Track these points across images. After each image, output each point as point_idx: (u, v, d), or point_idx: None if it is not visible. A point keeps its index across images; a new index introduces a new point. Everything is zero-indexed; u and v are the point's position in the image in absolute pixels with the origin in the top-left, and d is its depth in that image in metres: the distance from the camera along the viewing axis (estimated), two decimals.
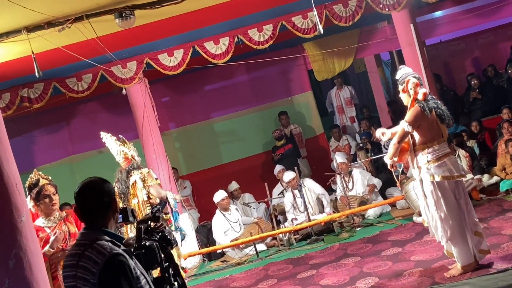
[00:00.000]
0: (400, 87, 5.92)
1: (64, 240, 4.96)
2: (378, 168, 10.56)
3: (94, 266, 2.80)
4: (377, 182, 9.47)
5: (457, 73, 13.13)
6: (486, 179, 8.80)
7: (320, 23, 7.58)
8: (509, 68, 11.51)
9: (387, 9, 9.12)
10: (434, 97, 5.91)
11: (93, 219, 3.01)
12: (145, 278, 2.98)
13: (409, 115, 5.69)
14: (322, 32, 7.61)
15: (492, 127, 10.26)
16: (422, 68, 9.51)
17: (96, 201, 3.01)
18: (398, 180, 7.06)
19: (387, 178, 10.15)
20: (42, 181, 5.03)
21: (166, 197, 6.80)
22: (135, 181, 6.70)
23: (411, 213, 8.33)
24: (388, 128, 6.46)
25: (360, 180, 9.42)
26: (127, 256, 2.90)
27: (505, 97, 11.27)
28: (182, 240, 7.06)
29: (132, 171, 6.80)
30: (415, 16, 9.75)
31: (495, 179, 8.74)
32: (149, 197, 6.70)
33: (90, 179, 3.08)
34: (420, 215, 7.98)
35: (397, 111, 12.45)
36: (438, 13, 11.85)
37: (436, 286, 4.18)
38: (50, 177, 5.22)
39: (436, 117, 5.72)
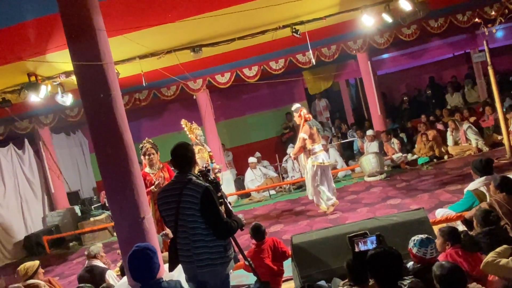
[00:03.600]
0: (296, 114, 6.41)
1: (162, 183, 5.03)
2: (344, 148, 10.49)
3: (196, 193, 2.76)
4: (340, 165, 9.27)
5: (395, 93, 12.92)
6: (409, 157, 8.67)
7: (313, 59, 7.51)
8: (427, 90, 11.34)
9: (354, 52, 8.97)
10: (314, 119, 6.54)
11: (183, 167, 2.92)
12: None
13: (304, 130, 6.16)
14: (314, 63, 7.53)
15: (415, 125, 10.13)
16: (374, 89, 9.37)
17: (185, 155, 2.92)
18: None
19: (349, 154, 10.09)
20: (147, 145, 5.10)
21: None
22: None
23: (363, 175, 8.27)
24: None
25: (333, 155, 9.33)
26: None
27: (424, 108, 11.10)
28: None
29: (194, 146, 6.81)
30: (371, 56, 9.58)
31: (415, 156, 8.61)
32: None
33: (180, 142, 3.00)
34: (368, 176, 7.97)
35: (357, 114, 12.34)
36: (385, 55, 11.65)
37: (377, 217, 4.15)
38: (155, 143, 5.23)
39: (316, 130, 6.24)
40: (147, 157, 5.05)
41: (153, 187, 4.92)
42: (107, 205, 8.88)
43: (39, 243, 8.35)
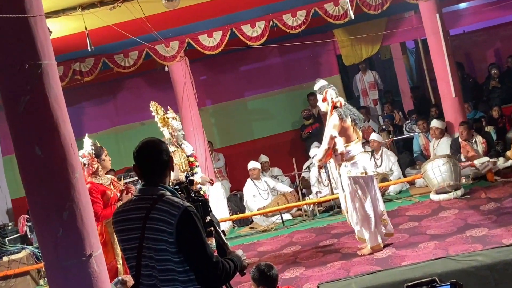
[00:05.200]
0: (320, 97, 6.38)
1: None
2: (399, 149, 10.50)
3: (170, 217, 2.77)
4: (395, 175, 9.25)
5: (478, 63, 12.89)
6: (501, 162, 8.66)
7: (351, 10, 7.51)
8: None
9: (414, 0, 8.99)
10: (349, 104, 6.49)
11: (152, 176, 2.94)
12: None
13: (332, 123, 6.15)
14: (353, 17, 7.54)
15: (509, 114, 10.11)
16: (446, 57, 9.36)
17: (156, 159, 2.94)
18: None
19: (407, 159, 10.11)
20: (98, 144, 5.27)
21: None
22: None
23: (428, 191, 8.28)
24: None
25: (386, 160, 9.32)
26: None
27: None
28: None
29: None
30: (441, 7, 9.54)
31: (510, 162, 8.60)
32: None
33: (148, 139, 3.01)
34: (437, 193, 8.00)
35: (419, 97, 12.33)
36: (462, 5, 11.60)
37: (450, 256, 4.19)
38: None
39: (351, 122, 6.24)
40: (108, 158, 5.14)
41: (121, 203, 4.99)
42: (30, 236, 8.95)
43: None
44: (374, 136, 9.43)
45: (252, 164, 9.38)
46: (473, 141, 8.95)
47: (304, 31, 9.13)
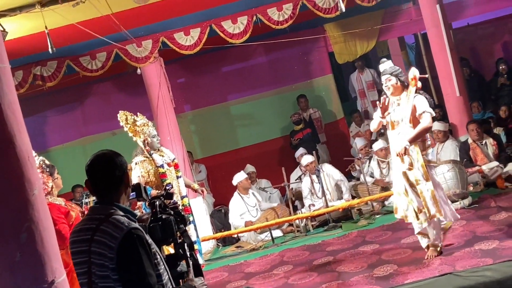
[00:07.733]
0: (384, 78, 6.24)
1: None
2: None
3: (112, 240, 2.78)
4: None
5: (485, 58, 12.95)
6: (511, 168, 8.70)
7: (342, 2, 7.55)
8: None
9: None
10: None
11: (105, 193, 2.98)
12: (159, 255, 3.01)
13: (425, 103, 6.06)
14: (344, 10, 7.57)
15: None
16: (448, 52, 9.43)
17: (107, 175, 2.97)
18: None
19: None
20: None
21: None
22: None
23: None
24: None
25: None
26: (144, 232, 2.92)
27: None
28: None
29: (137, 156, 6.77)
30: None
31: None
32: None
33: (102, 151, 3.04)
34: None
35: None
36: None
37: (457, 272, 4.20)
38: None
39: None
40: (58, 176, 5.17)
41: None
42: None
43: None
44: (380, 145, 9.33)
45: (238, 177, 9.30)
46: (483, 143, 8.94)
47: (292, 26, 9.18)
